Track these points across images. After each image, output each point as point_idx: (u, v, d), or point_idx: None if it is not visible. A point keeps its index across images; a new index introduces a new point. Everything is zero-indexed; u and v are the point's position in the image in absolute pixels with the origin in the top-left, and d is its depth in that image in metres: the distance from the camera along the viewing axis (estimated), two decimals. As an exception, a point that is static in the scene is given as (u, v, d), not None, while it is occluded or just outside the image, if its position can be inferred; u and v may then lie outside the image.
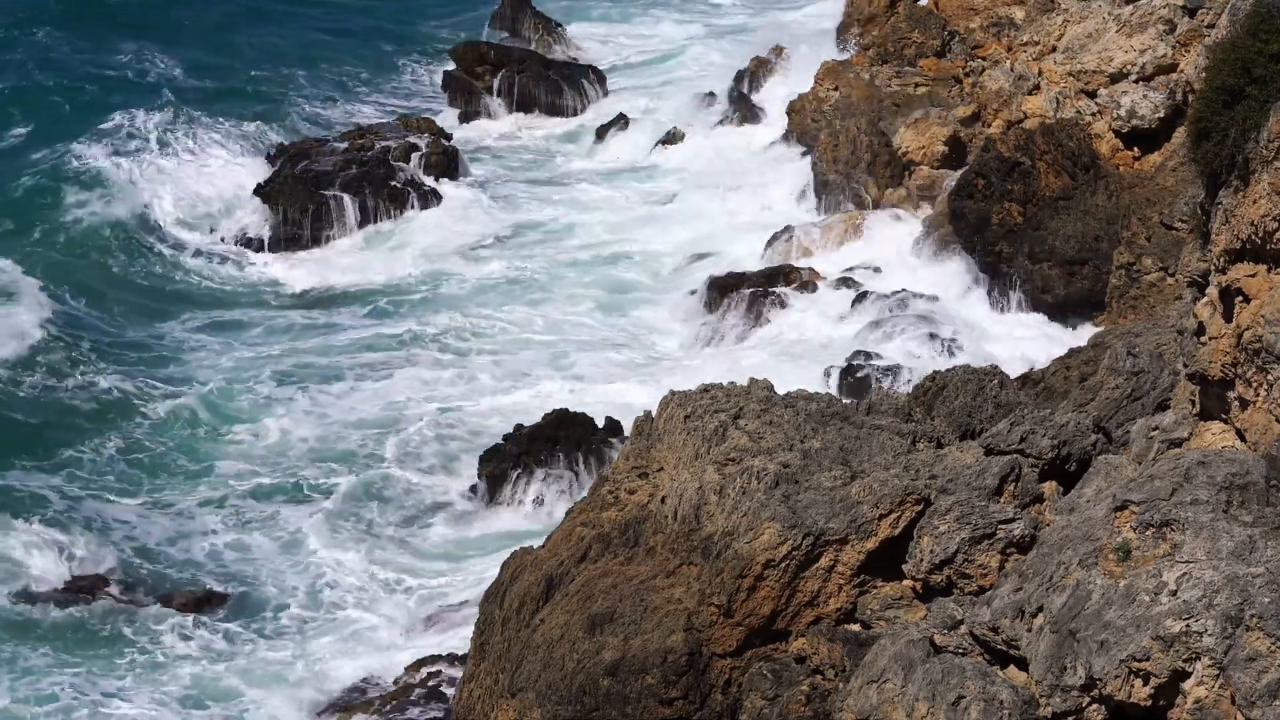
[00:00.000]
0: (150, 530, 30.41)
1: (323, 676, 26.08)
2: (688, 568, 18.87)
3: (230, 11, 67.07)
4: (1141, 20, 41.29)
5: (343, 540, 29.99)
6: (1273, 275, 15.86)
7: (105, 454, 33.01)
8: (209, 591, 28.28)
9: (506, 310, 40.92)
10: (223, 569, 29.31)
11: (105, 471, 32.42)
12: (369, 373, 37.26)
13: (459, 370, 37.50)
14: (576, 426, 32.10)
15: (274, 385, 36.43)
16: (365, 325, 40.30)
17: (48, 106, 54.54)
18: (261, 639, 27.16)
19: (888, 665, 15.22)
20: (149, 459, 33.02)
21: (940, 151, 42.80)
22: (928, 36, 49.16)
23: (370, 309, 41.32)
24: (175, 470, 32.73)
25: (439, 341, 39.01)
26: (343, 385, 36.56)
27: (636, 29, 67.90)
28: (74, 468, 32.34)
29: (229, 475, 32.51)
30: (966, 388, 21.56)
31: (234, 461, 33.12)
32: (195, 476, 32.51)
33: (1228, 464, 14.29)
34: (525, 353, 38.41)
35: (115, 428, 34.15)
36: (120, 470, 32.55)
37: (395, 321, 40.38)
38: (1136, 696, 13.29)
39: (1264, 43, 15.99)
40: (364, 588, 28.65)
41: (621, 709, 17.97)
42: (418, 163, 49.74)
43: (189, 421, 34.58)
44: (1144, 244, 34.50)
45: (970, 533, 17.08)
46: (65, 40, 60.91)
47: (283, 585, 28.80)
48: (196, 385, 36.08)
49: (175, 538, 30.26)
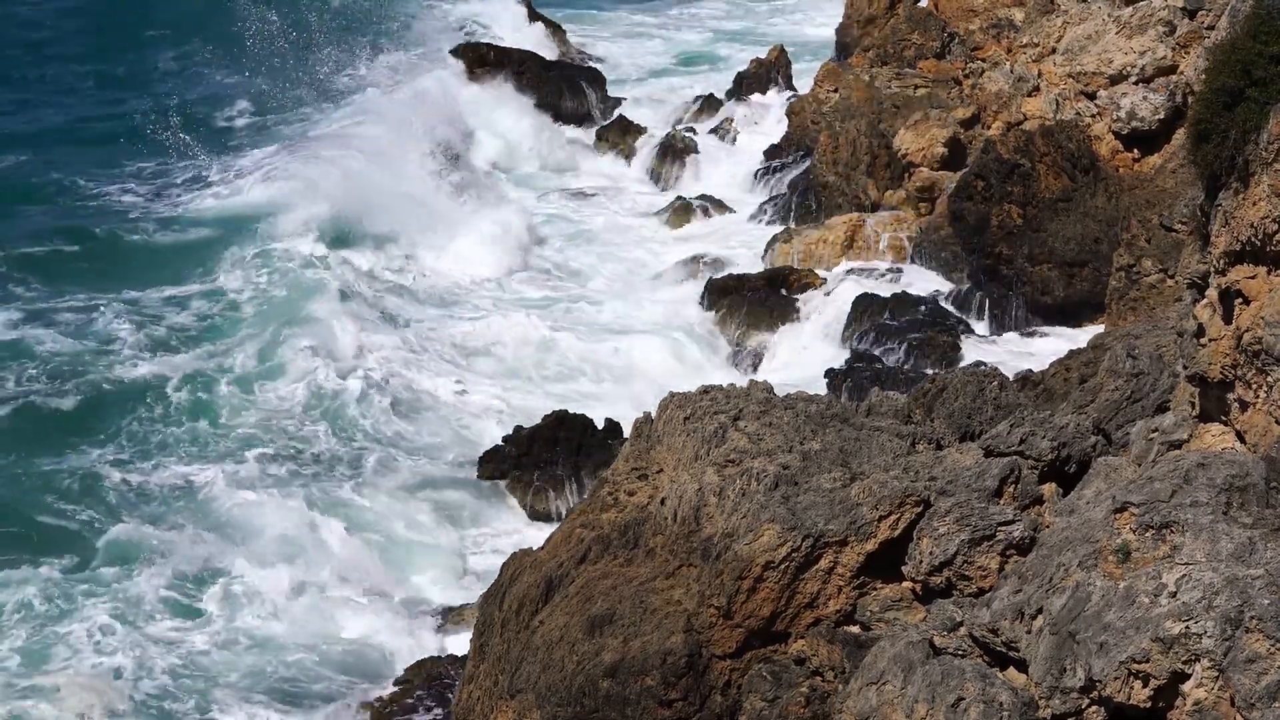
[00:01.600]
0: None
1: (322, 676, 26.07)
2: (687, 569, 18.87)
3: (229, 10, 67.09)
4: (1141, 22, 41.30)
5: (334, 539, 29.94)
6: (1272, 277, 15.86)
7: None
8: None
9: (506, 311, 40.94)
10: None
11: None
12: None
13: (460, 370, 37.53)
14: (576, 428, 32.11)
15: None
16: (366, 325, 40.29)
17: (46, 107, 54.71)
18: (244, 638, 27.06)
19: (887, 667, 15.22)
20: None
21: (940, 153, 42.82)
22: (927, 38, 49.20)
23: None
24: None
25: (438, 342, 39.03)
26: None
27: (636, 30, 67.95)
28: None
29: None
30: (966, 389, 21.56)
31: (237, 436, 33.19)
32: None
33: (1227, 466, 14.29)
34: (524, 352, 38.42)
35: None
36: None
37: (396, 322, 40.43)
38: (1136, 698, 13.29)
39: (1264, 44, 15.97)
40: (364, 587, 28.64)
41: (621, 710, 17.97)
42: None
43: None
44: (1144, 246, 34.51)
45: (970, 534, 17.08)
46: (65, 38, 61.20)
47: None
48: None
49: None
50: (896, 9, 52.07)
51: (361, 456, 33.10)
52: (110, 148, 51.47)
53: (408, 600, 28.24)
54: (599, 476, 24.87)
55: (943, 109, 44.33)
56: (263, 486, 31.44)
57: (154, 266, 42.13)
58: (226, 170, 50.06)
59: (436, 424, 34.88)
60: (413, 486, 32.06)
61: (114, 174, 49.77)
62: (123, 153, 51.05)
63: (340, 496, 31.52)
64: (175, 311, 39.46)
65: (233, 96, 58.59)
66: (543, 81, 58.17)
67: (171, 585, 27.90)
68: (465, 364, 37.98)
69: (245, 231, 44.18)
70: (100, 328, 37.97)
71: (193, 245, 43.90)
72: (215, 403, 34.87)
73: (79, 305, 39.42)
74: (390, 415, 34.83)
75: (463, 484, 32.21)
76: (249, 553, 28.83)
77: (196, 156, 50.43)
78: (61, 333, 37.72)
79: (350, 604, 27.84)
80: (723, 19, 70.27)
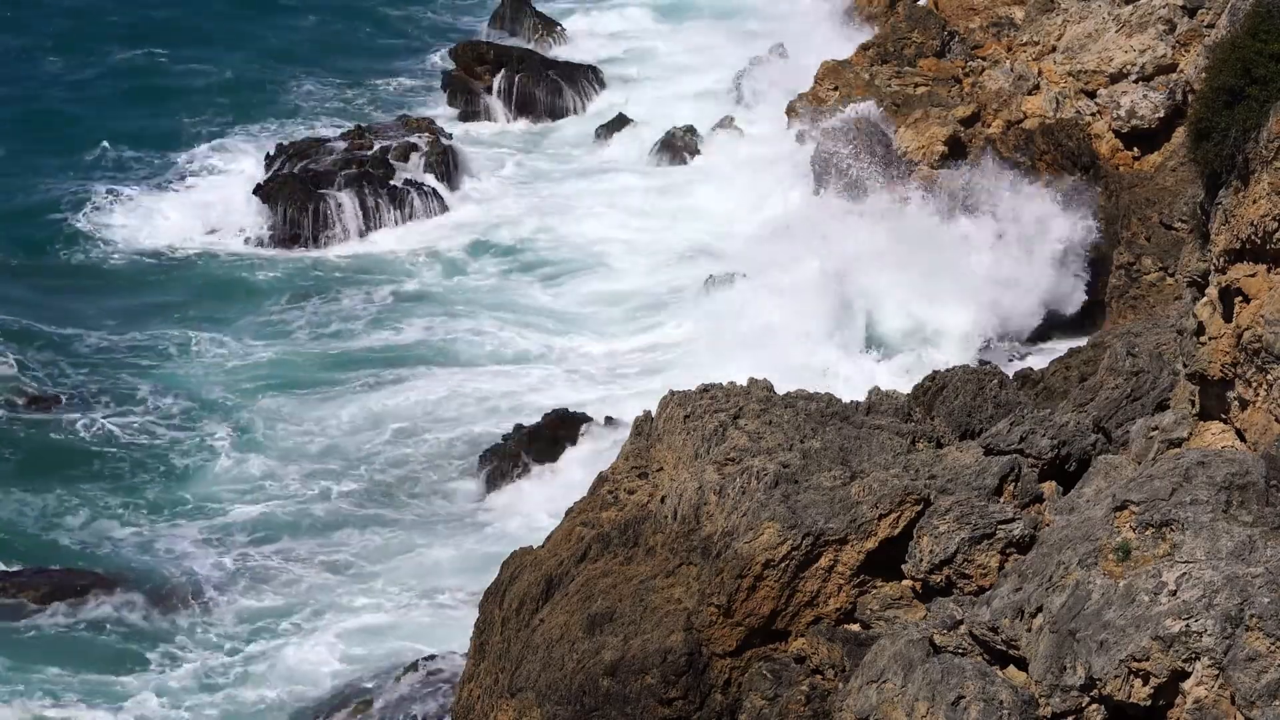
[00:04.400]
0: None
1: (322, 676, 26.09)
2: (687, 567, 18.86)
3: (227, 10, 67.09)
4: (1141, 20, 41.29)
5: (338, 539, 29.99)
6: (1272, 275, 15.87)
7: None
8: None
9: (504, 312, 40.94)
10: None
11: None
12: (370, 372, 37.27)
13: (459, 369, 37.54)
14: (576, 426, 32.11)
15: (273, 383, 36.47)
16: (365, 324, 40.32)
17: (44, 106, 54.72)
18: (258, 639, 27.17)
19: (887, 665, 15.21)
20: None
21: (940, 151, 42.77)
22: (927, 36, 49.13)
23: (371, 308, 41.37)
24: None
25: (440, 341, 39.05)
26: (342, 384, 36.59)
27: (636, 29, 67.85)
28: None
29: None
30: (966, 388, 21.57)
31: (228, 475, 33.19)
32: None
33: (1227, 464, 14.29)
34: (524, 352, 38.43)
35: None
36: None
37: (397, 319, 40.41)
38: (1136, 696, 13.29)
39: (1264, 43, 15.98)
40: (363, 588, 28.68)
41: (621, 709, 17.96)
42: (417, 163, 49.74)
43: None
44: (1144, 244, 34.51)
45: (970, 533, 17.08)
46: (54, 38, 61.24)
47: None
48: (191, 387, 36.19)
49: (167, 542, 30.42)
50: (897, 7, 51.99)
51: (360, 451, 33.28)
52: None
53: (409, 600, 28.27)
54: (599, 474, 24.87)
55: (943, 107, 44.29)
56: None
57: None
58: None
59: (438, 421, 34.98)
60: (412, 483, 32.15)
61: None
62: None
63: (337, 494, 31.67)
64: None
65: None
66: (542, 79, 58.18)
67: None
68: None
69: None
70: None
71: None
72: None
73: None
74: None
75: (463, 481, 32.28)
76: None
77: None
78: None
79: (348, 601, 27.89)
80: (723, 17, 70.15)
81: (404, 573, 29.13)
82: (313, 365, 37.78)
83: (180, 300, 41.55)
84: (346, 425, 34.58)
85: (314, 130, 53.97)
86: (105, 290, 42.12)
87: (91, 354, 37.85)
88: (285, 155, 49.60)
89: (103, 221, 46.11)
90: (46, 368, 36.84)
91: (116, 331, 39.35)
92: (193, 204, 47.52)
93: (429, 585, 28.79)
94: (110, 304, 41.09)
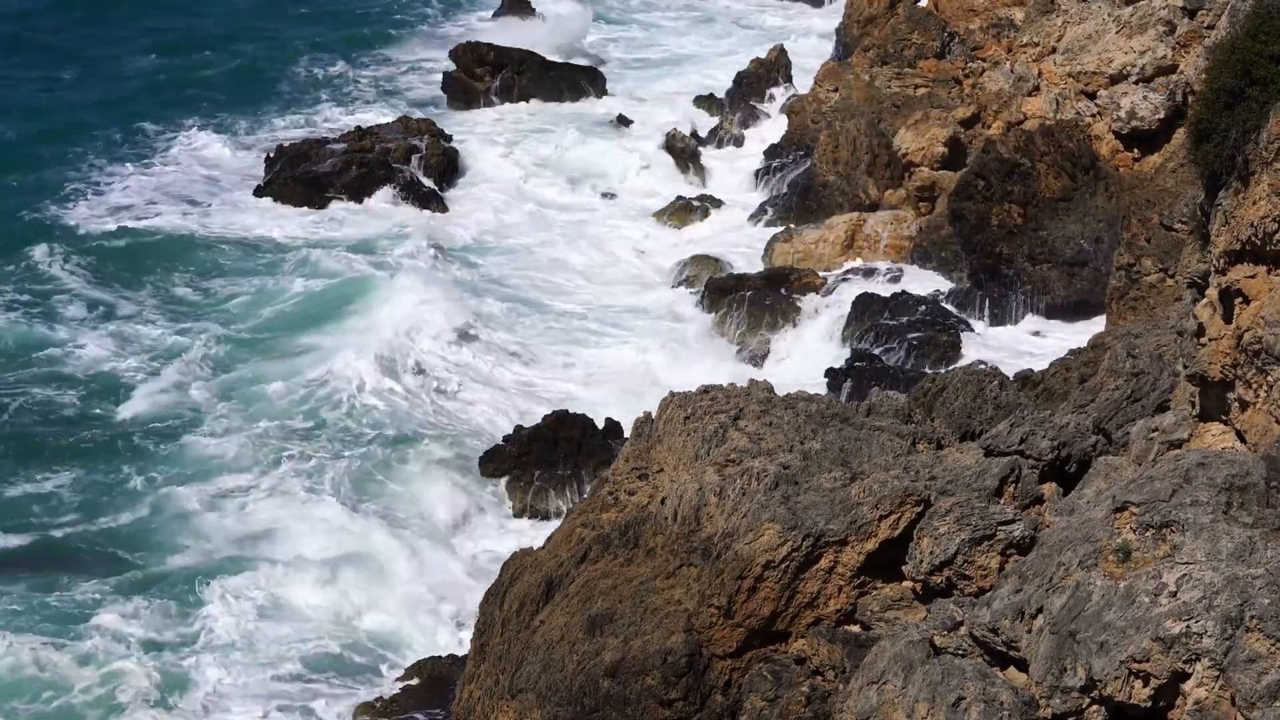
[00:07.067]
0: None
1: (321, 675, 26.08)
2: (687, 569, 18.86)
3: (226, 12, 67.15)
4: (1141, 21, 41.32)
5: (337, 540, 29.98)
6: (1273, 276, 15.86)
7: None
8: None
9: (504, 312, 40.94)
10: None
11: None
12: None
13: (459, 368, 37.54)
14: (576, 428, 32.11)
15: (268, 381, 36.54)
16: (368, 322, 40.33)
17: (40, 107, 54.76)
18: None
19: (888, 666, 15.20)
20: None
21: (940, 153, 42.81)
22: (927, 38, 49.18)
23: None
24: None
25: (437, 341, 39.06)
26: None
27: (636, 30, 67.92)
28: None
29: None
30: (966, 389, 21.56)
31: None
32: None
33: (1227, 465, 14.28)
34: (526, 352, 38.44)
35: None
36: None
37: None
38: (1136, 697, 13.28)
39: (1264, 44, 15.97)
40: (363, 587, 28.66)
41: (622, 710, 17.96)
42: (417, 164, 49.77)
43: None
44: (1144, 245, 34.52)
45: (970, 534, 17.08)
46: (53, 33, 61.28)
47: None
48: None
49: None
50: (897, 8, 52.04)
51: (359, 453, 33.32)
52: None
53: (407, 600, 28.26)
54: (599, 476, 24.88)
55: (943, 108, 44.33)
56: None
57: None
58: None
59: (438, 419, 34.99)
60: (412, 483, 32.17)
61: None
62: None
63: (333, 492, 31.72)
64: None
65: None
66: (543, 80, 58.20)
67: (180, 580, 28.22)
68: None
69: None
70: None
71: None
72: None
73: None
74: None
75: (463, 481, 32.28)
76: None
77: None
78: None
79: (348, 600, 27.89)
80: (724, 19, 70.19)
81: (404, 573, 29.13)
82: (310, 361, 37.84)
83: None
84: (347, 425, 34.59)
85: (314, 132, 54.04)
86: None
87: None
88: (285, 157, 49.66)
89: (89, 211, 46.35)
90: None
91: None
92: (189, 197, 47.67)
93: (430, 585, 28.83)
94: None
